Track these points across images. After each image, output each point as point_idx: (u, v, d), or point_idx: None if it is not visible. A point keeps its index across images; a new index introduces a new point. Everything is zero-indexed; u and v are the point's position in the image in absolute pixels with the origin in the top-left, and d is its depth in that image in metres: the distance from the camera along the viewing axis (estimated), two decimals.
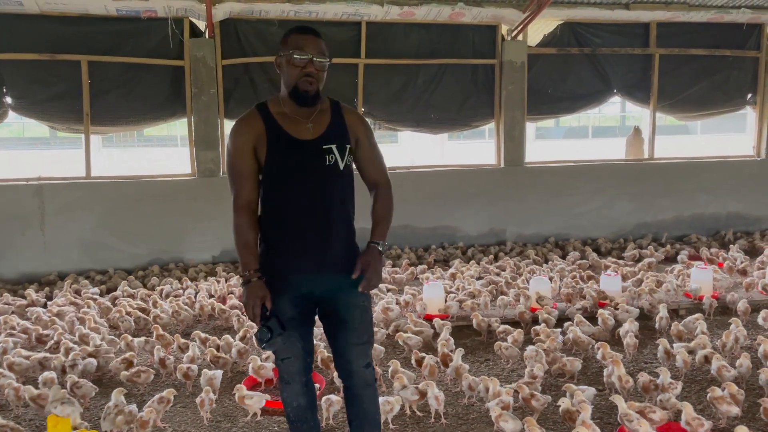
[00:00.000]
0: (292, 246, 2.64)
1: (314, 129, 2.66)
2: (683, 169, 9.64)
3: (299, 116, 2.66)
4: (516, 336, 4.77)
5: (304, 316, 2.75)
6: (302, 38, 2.59)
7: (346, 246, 2.72)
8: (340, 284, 2.69)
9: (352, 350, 2.75)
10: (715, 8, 8.71)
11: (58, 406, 2.99)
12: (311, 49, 2.58)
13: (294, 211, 2.64)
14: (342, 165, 2.65)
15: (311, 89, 2.60)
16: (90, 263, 7.61)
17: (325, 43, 2.64)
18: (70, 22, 7.49)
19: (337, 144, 2.65)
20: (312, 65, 2.57)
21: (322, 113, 2.70)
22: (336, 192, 2.66)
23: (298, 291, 2.68)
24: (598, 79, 9.14)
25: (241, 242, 2.65)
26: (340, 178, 2.66)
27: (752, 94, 9.70)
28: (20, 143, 32.41)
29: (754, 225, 9.55)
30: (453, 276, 6.79)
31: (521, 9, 8.11)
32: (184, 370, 4.27)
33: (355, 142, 2.74)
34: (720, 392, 3.65)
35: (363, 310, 2.76)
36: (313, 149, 2.63)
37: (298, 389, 2.77)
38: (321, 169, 2.62)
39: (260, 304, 2.55)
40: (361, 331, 2.76)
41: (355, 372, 2.78)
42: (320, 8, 7.66)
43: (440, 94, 8.65)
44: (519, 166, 8.88)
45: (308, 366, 2.80)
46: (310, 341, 2.80)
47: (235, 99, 8.08)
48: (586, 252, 8.01)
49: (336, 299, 2.73)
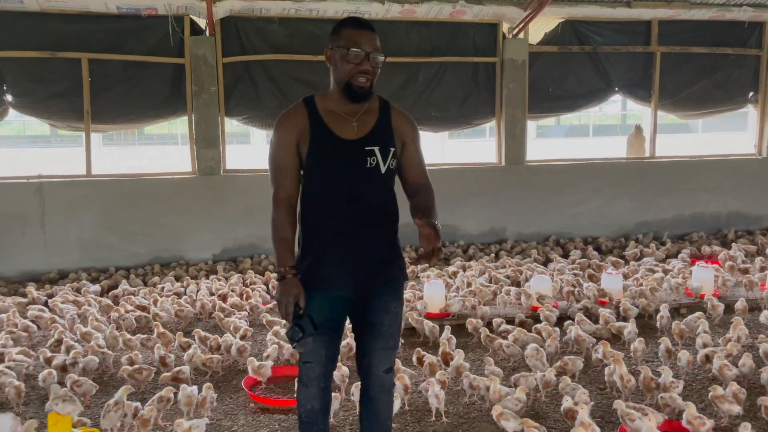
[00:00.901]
0: (329, 247, 2.58)
1: (359, 128, 2.58)
2: (684, 167, 9.63)
3: (346, 114, 2.58)
4: (516, 335, 4.76)
5: (335, 321, 2.69)
6: (358, 33, 2.50)
7: (385, 250, 2.65)
8: (374, 289, 2.65)
9: (376, 354, 2.71)
10: (717, 6, 8.70)
11: (59, 404, 2.99)
12: (367, 45, 2.48)
13: (331, 211, 2.57)
14: (384, 168, 2.56)
15: (365, 85, 2.51)
16: (90, 261, 7.61)
17: (377, 35, 2.55)
18: (71, 20, 7.48)
19: (380, 146, 2.56)
20: (368, 62, 2.48)
21: (369, 112, 2.62)
22: (376, 195, 2.59)
23: (333, 293, 2.61)
24: (599, 77, 9.12)
25: (278, 237, 2.57)
26: (381, 181, 2.58)
27: (753, 93, 9.69)
28: (21, 141, 32.45)
29: (755, 224, 9.54)
30: (454, 274, 6.79)
31: (522, 7, 8.10)
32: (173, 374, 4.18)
33: (401, 145, 2.65)
34: (721, 391, 3.65)
35: (393, 316, 2.71)
36: (355, 150, 2.55)
37: (314, 393, 2.72)
38: (362, 170, 2.54)
39: (293, 301, 2.48)
40: (388, 337, 2.71)
41: (376, 375, 2.74)
42: (321, 6, 7.65)
43: (441, 92, 8.64)
44: (520, 164, 8.88)
45: (329, 373, 2.75)
46: (336, 347, 2.75)
47: (236, 97, 8.07)
48: (587, 251, 8.00)
49: (368, 303, 2.67)
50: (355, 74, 2.48)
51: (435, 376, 3.98)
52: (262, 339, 5.20)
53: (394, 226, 2.70)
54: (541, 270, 6.86)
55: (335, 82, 2.57)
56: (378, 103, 2.66)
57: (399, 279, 2.73)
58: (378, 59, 2.50)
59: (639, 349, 4.51)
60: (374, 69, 2.52)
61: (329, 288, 2.60)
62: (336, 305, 2.65)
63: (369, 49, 2.49)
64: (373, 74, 2.52)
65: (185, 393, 3.77)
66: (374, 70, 2.52)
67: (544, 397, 4.00)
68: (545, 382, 3.94)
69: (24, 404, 4.08)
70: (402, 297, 2.80)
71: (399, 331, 2.78)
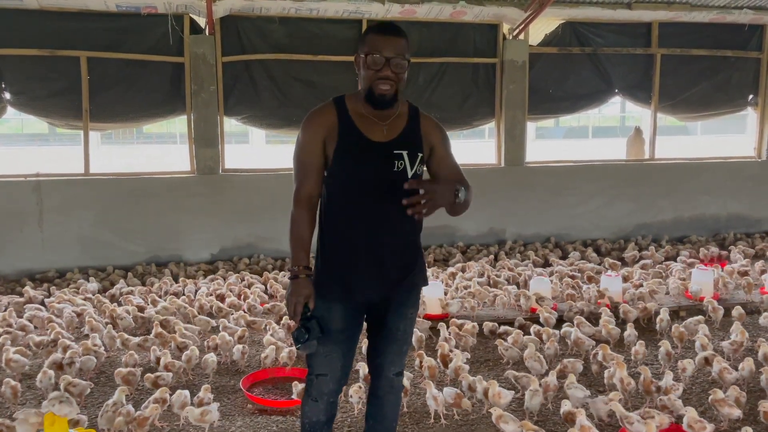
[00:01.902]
0: (351, 250, 2.55)
1: (388, 132, 2.54)
2: (684, 169, 9.62)
3: (375, 117, 2.54)
4: (516, 337, 4.74)
5: (353, 330, 2.66)
6: (380, 39, 2.45)
7: (407, 256, 2.63)
8: (397, 295, 2.63)
9: (387, 357, 2.71)
10: (717, 9, 8.69)
11: (56, 405, 2.97)
12: (389, 51, 2.43)
13: (357, 213, 2.54)
14: (411, 172, 2.53)
15: (388, 92, 2.47)
16: (88, 260, 7.58)
17: (406, 40, 2.49)
18: (70, 18, 7.45)
19: (408, 150, 2.53)
20: (388, 68, 2.43)
21: (399, 117, 2.58)
22: (399, 201, 2.44)
23: (352, 299, 2.58)
24: (599, 78, 9.11)
25: (295, 236, 2.55)
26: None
27: (753, 95, 9.68)
28: (19, 139, 32.38)
29: (755, 226, 9.54)
30: (453, 275, 6.78)
31: (523, 8, 8.09)
32: (152, 379, 4.08)
33: (430, 150, 2.63)
34: (722, 394, 3.63)
35: (410, 322, 2.71)
36: (383, 152, 2.51)
37: (323, 407, 2.68)
38: (388, 173, 2.50)
39: (303, 302, 2.45)
40: (401, 342, 2.71)
41: (385, 377, 2.73)
42: (321, 5, 7.63)
43: (441, 92, 8.62)
44: (519, 165, 8.86)
45: (341, 387, 2.70)
46: (351, 358, 2.70)
47: (235, 96, 8.04)
48: (586, 253, 7.99)
49: (386, 309, 2.65)
50: (376, 81, 2.45)
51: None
52: (259, 340, 5.18)
53: (419, 232, 2.68)
54: (540, 271, 6.85)
55: (361, 87, 2.55)
56: (407, 108, 2.63)
57: (420, 285, 2.74)
58: (400, 64, 2.45)
59: (640, 352, 4.49)
60: (397, 75, 2.46)
61: (354, 294, 2.57)
62: (356, 313, 2.64)
63: (390, 54, 2.43)
64: (397, 80, 2.47)
65: (179, 399, 3.73)
66: (397, 76, 2.46)
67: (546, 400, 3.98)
68: (546, 386, 3.92)
69: (20, 404, 4.06)
70: (419, 302, 2.80)
71: (411, 335, 2.81)
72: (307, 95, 8.07)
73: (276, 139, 27.88)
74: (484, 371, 4.57)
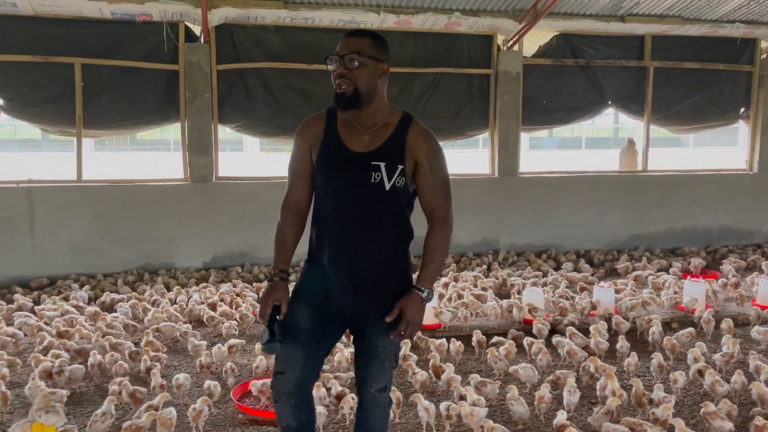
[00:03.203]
0: (326, 258, 2.52)
1: (370, 141, 2.49)
2: (676, 181, 9.67)
3: (361, 125, 2.51)
4: (509, 348, 4.73)
5: (322, 335, 2.59)
6: (341, 42, 2.45)
7: (387, 272, 2.56)
8: (372, 309, 2.54)
9: (369, 373, 2.62)
10: (710, 22, 8.76)
11: (42, 415, 2.93)
12: (343, 49, 2.42)
13: (332, 223, 2.51)
14: (389, 185, 2.46)
15: (345, 90, 2.42)
16: (79, 267, 7.53)
17: (371, 39, 2.45)
18: (65, 25, 7.43)
19: (386, 162, 2.46)
20: (343, 65, 2.41)
21: (385, 126, 2.52)
22: (378, 212, 2.49)
23: (327, 306, 2.55)
24: (592, 90, 9.16)
25: (278, 239, 2.58)
26: (385, 198, 2.48)
27: (745, 108, 9.76)
28: (11, 145, 32.28)
29: (746, 239, 9.59)
30: (446, 285, 6.77)
31: (517, 19, 8.13)
32: (131, 390, 3.96)
33: (414, 164, 2.51)
34: (713, 407, 3.63)
35: (390, 339, 2.59)
36: (361, 163, 2.46)
37: (286, 412, 2.60)
38: (364, 185, 2.45)
39: (272, 304, 2.44)
40: (383, 359, 2.59)
41: (368, 392, 2.65)
42: (316, 15, 7.65)
43: (435, 103, 8.64)
44: (513, 176, 8.88)
45: (303, 389, 2.60)
46: (315, 362, 2.61)
47: (230, 104, 8.04)
48: (579, 263, 8.00)
49: (365, 324, 2.58)
50: (335, 81, 2.44)
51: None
52: (251, 349, 5.15)
53: (402, 247, 2.61)
54: (533, 281, 6.86)
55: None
56: (399, 118, 2.56)
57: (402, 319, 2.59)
58: (352, 59, 2.39)
59: (632, 364, 4.49)
60: (351, 71, 2.41)
61: (329, 302, 2.55)
62: (330, 319, 2.58)
63: (344, 52, 2.41)
64: (353, 78, 2.41)
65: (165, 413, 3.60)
66: (352, 73, 2.41)
67: (539, 413, 3.96)
68: (539, 398, 3.91)
69: (9, 412, 4.02)
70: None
71: (396, 353, 2.69)
72: (301, 104, 8.07)
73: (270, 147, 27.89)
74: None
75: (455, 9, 7.94)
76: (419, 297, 2.50)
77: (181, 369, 4.80)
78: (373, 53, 2.44)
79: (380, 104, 2.53)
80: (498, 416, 3.97)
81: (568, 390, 3.92)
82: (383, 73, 2.50)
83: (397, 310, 2.45)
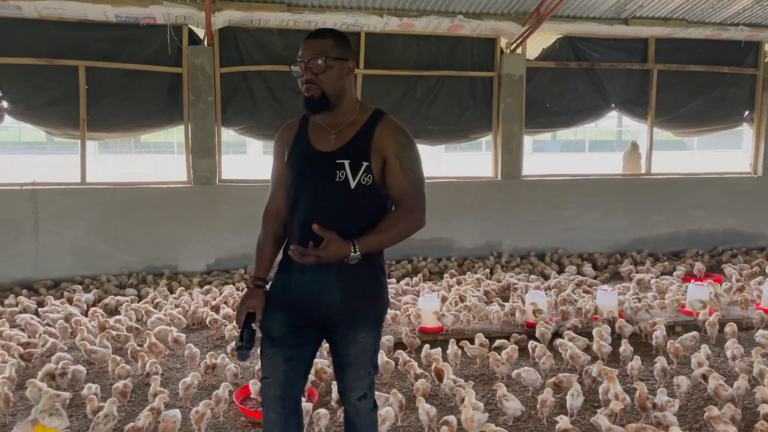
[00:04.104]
0: (294, 263, 2.41)
1: (336, 140, 2.46)
2: (680, 184, 9.64)
3: (329, 125, 2.49)
4: (510, 352, 4.71)
5: (298, 339, 2.52)
6: (302, 46, 2.42)
7: (354, 276, 2.44)
8: (339, 317, 2.47)
9: (345, 382, 2.56)
10: (714, 25, 8.75)
11: (45, 418, 2.94)
12: (306, 54, 2.39)
13: (299, 226, 2.46)
14: (353, 183, 2.40)
15: (313, 94, 2.40)
16: (83, 270, 7.55)
17: (333, 40, 2.42)
18: (69, 28, 7.46)
19: (351, 160, 2.41)
20: (309, 71, 2.38)
21: (352, 125, 2.48)
22: (345, 211, 2.41)
23: (295, 310, 2.49)
24: (596, 93, 9.15)
25: (258, 248, 2.61)
26: (351, 198, 2.41)
27: (749, 111, 9.74)
28: (16, 147, 32.39)
29: (750, 242, 9.56)
30: (449, 287, 6.76)
31: (521, 22, 8.13)
32: (120, 388, 4.03)
33: (382, 160, 2.44)
34: (717, 411, 3.62)
35: (362, 346, 2.51)
36: (325, 162, 2.43)
37: (273, 419, 2.53)
38: (330, 184, 2.41)
39: (245, 311, 2.46)
40: (357, 366, 2.52)
41: (348, 402, 2.59)
42: (319, 18, 7.66)
43: (438, 105, 8.65)
44: (516, 178, 8.88)
45: (288, 396, 2.53)
46: (298, 366, 2.55)
47: (233, 107, 8.06)
48: (582, 267, 7.99)
49: (334, 331, 2.51)
50: (302, 85, 2.42)
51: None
52: (254, 352, 5.14)
53: (374, 253, 2.48)
54: (536, 285, 6.85)
55: None
56: (368, 115, 2.51)
57: (370, 311, 2.53)
58: (317, 63, 2.36)
59: (636, 368, 4.47)
60: (317, 75, 2.38)
61: (296, 306, 2.49)
62: (302, 323, 2.50)
63: (307, 57, 2.38)
64: (320, 81, 2.39)
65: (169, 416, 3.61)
66: (318, 77, 2.38)
67: (542, 416, 3.95)
68: (542, 402, 3.90)
69: (12, 414, 4.03)
70: (376, 326, 2.58)
71: (372, 359, 2.57)
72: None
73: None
74: (479, 386, 4.55)
75: (458, 12, 7.94)
76: (348, 245, 2.31)
77: (184, 371, 4.80)
78: (337, 54, 2.41)
79: (349, 103, 2.50)
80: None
81: (571, 394, 3.91)
82: (349, 72, 2.47)
83: (327, 234, 2.29)
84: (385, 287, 2.57)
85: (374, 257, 2.50)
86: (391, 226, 2.43)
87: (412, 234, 2.49)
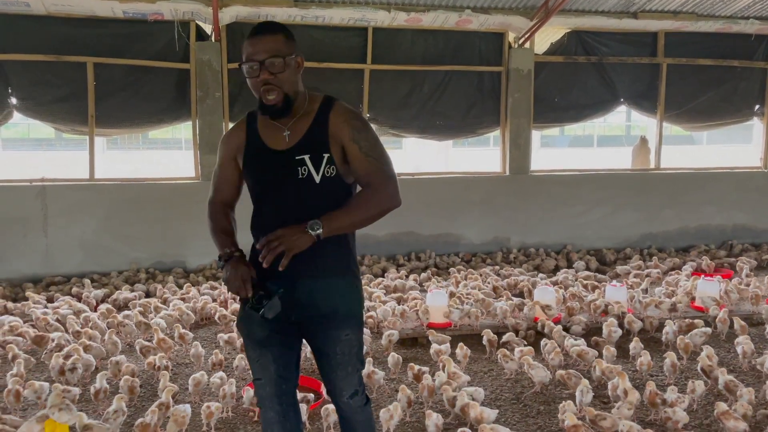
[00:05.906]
0: (266, 271, 2.30)
1: (291, 137, 2.37)
2: (689, 179, 9.58)
3: (280, 122, 2.40)
4: (522, 349, 4.69)
5: (280, 338, 2.46)
6: (251, 43, 2.29)
7: (326, 273, 2.40)
8: (318, 315, 2.41)
9: (334, 383, 2.51)
10: (724, 18, 8.67)
11: (56, 413, 2.95)
12: (260, 53, 2.26)
13: (263, 226, 2.40)
14: (318, 177, 2.33)
15: (274, 99, 2.30)
16: (92, 266, 7.58)
17: (283, 35, 2.30)
18: (77, 24, 7.48)
19: (310, 154, 2.33)
20: (266, 71, 2.26)
21: (303, 117, 2.39)
22: (311, 208, 2.29)
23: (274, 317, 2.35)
24: (604, 88, 9.10)
25: (217, 228, 2.55)
26: (317, 193, 2.34)
27: (760, 105, 9.66)
28: (25, 144, 32.54)
29: (761, 237, 9.49)
30: (457, 283, 6.75)
31: (528, 17, 8.09)
32: (130, 383, 4.08)
33: (341, 148, 2.36)
34: (726, 407, 3.59)
35: (346, 343, 2.45)
36: (285, 161, 2.35)
37: (271, 417, 2.52)
38: (294, 182, 2.34)
39: (248, 272, 2.31)
40: (344, 364, 2.47)
41: (342, 401, 2.54)
42: (327, 13, 7.65)
43: (446, 100, 8.62)
44: (524, 174, 8.84)
45: (283, 392, 2.51)
46: (287, 363, 2.51)
47: (240, 103, 8.06)
48: (590, 262, 7.96)
49: (315, 332, 2.46)
50: (261, 90, 2.32)
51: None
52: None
53: (343, 244, 2.43)
54: (545, 281, 6.82)
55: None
56: (318, 104, 2.43)
57: (349, 307, 2.46)
58: (274, 63, 2.26)
59: (645, 363, 4.45)
60: (276, 76, 2.28)
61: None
62: (275, 324, 2.39)
63: (262, 57, 2.26)
64: (280, 83, 2.29)
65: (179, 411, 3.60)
66: (276, 77, 2.28)
67: None
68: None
69: (22, 409, 4.05)
70: (358, 322, 2.51)
71: (357, 355, 2.51)
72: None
73: None
74: (488, 381, 4.54)
75: (466, 6, 7.91)
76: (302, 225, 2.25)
77: (192, 366, 4.81)
78: (290, 50, 2.32)
79: (302, 98, 2.43)
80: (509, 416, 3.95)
81: (580, 390, 3.90)
82: (300, 66, 2.39)
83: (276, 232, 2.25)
84: (360, 281, 2.55)
85: (345, 252, 2.45)
86: (358, 204, 2.35)
87: (385, 213, 2.37)
